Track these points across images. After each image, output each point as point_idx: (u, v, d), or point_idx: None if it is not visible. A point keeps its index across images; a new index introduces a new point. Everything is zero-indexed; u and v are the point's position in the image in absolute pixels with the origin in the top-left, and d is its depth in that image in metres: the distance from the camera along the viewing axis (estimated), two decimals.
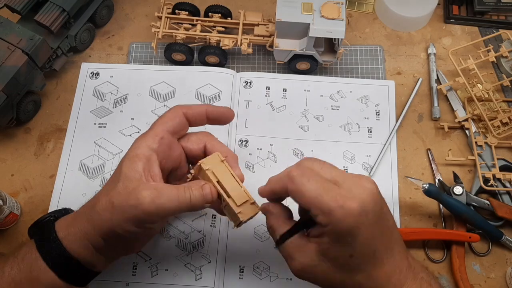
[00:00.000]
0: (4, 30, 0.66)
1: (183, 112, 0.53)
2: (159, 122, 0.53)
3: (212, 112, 0.55)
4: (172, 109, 0.54)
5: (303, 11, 0.67)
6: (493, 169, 0.67)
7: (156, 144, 0.50)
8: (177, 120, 0.53)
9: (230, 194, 0.50)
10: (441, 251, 0.64)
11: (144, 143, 0.50)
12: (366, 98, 0.72)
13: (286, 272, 0.62)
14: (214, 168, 0.51)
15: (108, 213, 0.47)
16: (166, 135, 0.52)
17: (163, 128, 0.52)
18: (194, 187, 0.49)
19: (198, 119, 0.55)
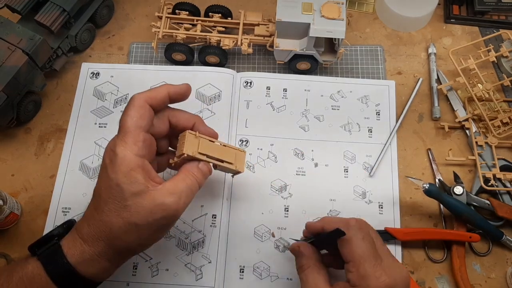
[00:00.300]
0: (5, 30, 0.67)
1: (148, 103, 0.51)
2: (130, 122, 0.49)
3: (174, 93, 0.54)
4: (136, 102, 0.50)
5: (303, 11, 0.67)
6: (493, 169, 0.67)
7: (142, 150, 0.49)
8: (147, 115, 0.51)
9: (222, 159, 0.55)
10: (442, 251, 0.64)
11: (130, 153, 0.48)
12: (367, 98, 0.72)
13: (286, 272, 0.62)
14: (197, 149, 0.53)
15: (134, 234, 0.48)
16: (146, 136, 0.50)
17: (140, 129, 0.49)
18: (193, 171, 0.52)
19: (163, 104, 0.53)
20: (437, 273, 0.63)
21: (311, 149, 0.69)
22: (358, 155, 0.69)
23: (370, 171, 0.67)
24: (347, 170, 0.68)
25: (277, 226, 0.65)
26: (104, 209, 0.48)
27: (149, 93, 0.52)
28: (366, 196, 0.66)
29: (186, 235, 0.64)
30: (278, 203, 0.66)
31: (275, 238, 0.64)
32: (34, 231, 0.65)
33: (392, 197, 0.66)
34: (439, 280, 0.63)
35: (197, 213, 0.65)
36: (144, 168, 0.48)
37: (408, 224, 0.65)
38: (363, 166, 0.68)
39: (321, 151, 0.69)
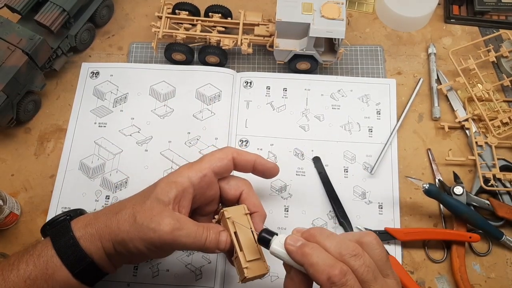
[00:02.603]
0: (4, 30, 0.67)
1: (233, 156, 0.54)
2: (208, 158, 0.53)
3: (260, 164, 0.56)
4: (224, 149, 0.55)
5: (303, 11, 0.67)
6: (493, 169, 0.67)
7: (197, 179, 0.51)
8: (225, 162, 0.53)
9: (243, 248, 0.50)
10: (441, 251, 0.64)
11: (186, 173, 0.51)
12: (367, 97, 0.72)
13: None
14: (236, 219, 0.52)
15: (127, 225, 0.49)
16: (210, 174, 0.52)
17: (210, 166, 0.52)
18: (212, 230, 0.50)
19: (245, 167, 0.56)
20: (437, 273, 0.63)
21: (311, 149, 0.69)
22: (358, 155, 0.69)
23: (370, 171, 0.67)
24: (347, 170, 0.68)
25: (277, 226, 0.65)
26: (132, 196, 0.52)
27: (238, 150, 0.56)
28: (366, 196, 0.66)
29: None
30: (278, 203, 0.66)
31: None
32: (34, 231, 0.65)
33: (392, 197, 0.66)
34: (439, 280, 0.63)
35: None
36: (184, 191, 0.50)
37: (408, 224, 0.65)
38: (363, 166, 0.68)
39: (321, 151, 0.69)
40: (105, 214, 0.51)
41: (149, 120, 0.71)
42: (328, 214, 0.65)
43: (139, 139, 0.70)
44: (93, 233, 0.50)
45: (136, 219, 0.48)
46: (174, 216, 0.49)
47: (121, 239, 0.49)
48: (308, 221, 0.65)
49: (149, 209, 0.49)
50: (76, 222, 0.51)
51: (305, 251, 0.44)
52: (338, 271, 0.41)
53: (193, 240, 0.49)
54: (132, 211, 0.49)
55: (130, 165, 0.68)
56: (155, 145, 0.69)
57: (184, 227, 0.49)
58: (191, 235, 0.49)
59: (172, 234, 0.48)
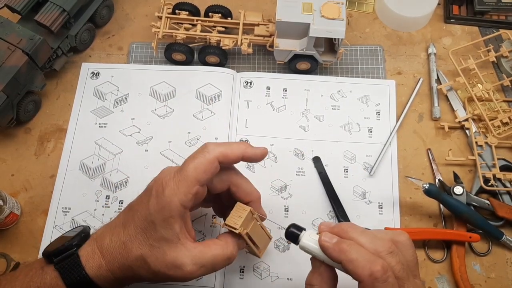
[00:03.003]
0: (4, 30, 0.67)
1: (219, 161, 0.49)
2: (193, 171, 0.48)
3: (248, 158, 0.52)
4: (207, 154, 0.49)
5: (303, 11, 0.67)
6: (493, 169, 0.67)
7: (189, 202, 0.48)
8: (211, 171, 0.49)
9: (258, 244, 0.54)
10: (441, 251, 0.64)
11: (177, 201, 0.47)
12: (367, 98, 0.72)
13: (286, 272, 0.62)
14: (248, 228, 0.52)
15: (144, 271, 0.48)
16: (200, 190, 0.49)
17: (197, 182, 0.48)
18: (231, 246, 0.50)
19: (232, 163, 0.52)
20: (437, 273, 0.63)
21: (311, 149, 0.69)
22: (358, 155, 0.69)
23: (370, 171, 0.67)
24: (347, 170, 0.68)
25: (277, 226, 0.64)
26: (131, 233, 0.48)
27: (223, 150, 0.50)
28: (366, 196, 0.66)
29: None
30: (278, 203, 0.66)
31: (275, 239, 0.64)
32: (34, 231, 0.65)
33: (392, 197, 0.66)
34: (439, 280, 0.63)
35: (197, 213, 0.65)
36: (183, 219, 0.48)
37: (408, 224, 0.65)
38: (363, 166, 0.68)
39: (321, 151, 0.69)
40: (114, 257, 0.48)
41: (150, 121, 0.71)
42: (328, 214, 0.65)
43: (140, 139, 0.70)
44: (109, 276, 0.49)
45: (150, 266, 0.47)
46: (189, 258, 0.47)
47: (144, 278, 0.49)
48: (308, 221, 0.65)
49: (160, 255, 0.47)
50: (86, 259, 0.49)
51: (342, 248, 0.43)
52: (380, 267, 0.41)
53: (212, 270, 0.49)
54: (142, 256, 0.47)
55: (131, 165, 0.68)
56: (155, 145, 0.70)
57: (203, 265, 0.48)
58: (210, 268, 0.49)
59: (193, 275, 0.48)
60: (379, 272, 0.41)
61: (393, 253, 0.43)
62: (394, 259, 0.43)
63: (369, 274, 0.41)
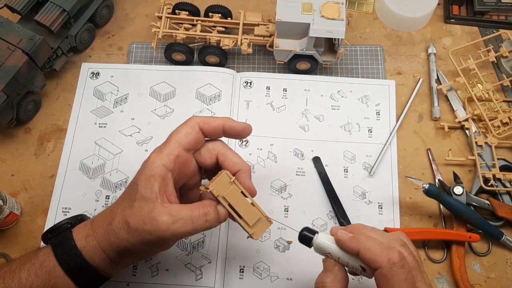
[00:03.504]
0: (4, 30, 0.67)
1: (199, 127, 0.52)
2: (175, 137, 0.51)
3: (230, 127, 0.53)
4: (188, 122, 0.52)
5: (303, 11, 0.67)
6: (493, 169, 0.67)
7: (171, 163, 0.50)
8: (193, 135, 0.51)
9: (242, 216, 0.52)
10: (441, 251, 0.64)
11: (159, 161, 0.49)
12: (367, 98, 0.72)
13: (286, 272, 0.62)
14: (224, 192, 0.51)
15: (124, 233, 0.48)
16: (182, 153, 0.51)
17: (179, 145, 0.51)
18: (210, 208, 0.50)
19: (215, 133, 0.53)
20: (437, 273, 0.63)
21: (311, 149, 0.69)
22: (358, 155, 0.69)
23: (370, 171, 0.67)
24: (347, 170, 0.68)
25: (277, 226, 0.65)
26: (119, 201, 0.51)
27: (204, 118, 0.52)
28: (366, 196, 0.66)
29: None
30: (278, 203, 0.66)
31: (275, 239, 0.64)
32: (34, 231, 0.65)
33: (392, 197, 0.66)
34: (439, 280, 0.63)
35: None
36: (164, 180, 0.49)
37: (408, 224, 0.65)
38: (363, 166, 0.68)
39: (321, 151, 0.69)
40: (100, 225, 0.50)
41: (149, 121, 0.71)
42: (328, 214, 0.65)
43: (139, 140, 0.70)
44: (94, 244, 0.49)
45: (130, 225, 0.48)
46: (165, 211, 0.48)
47: (123, 247, 0.49)
48: (308, 221, 0.65)
49: (138, 212, 0.48)
50: (77, 232, 0.50)
51: (359, 239, 0.46)
52: (397, 253, 0.44)
53: (191, 226, 0.48)
54: (123, 217, 0.48)
55: (130, 165, 0.68)
56: (155, 145, 0.68)
57: (179, 218, 0.48)
58: (188, 222, 0.48)
59: (170, 229, 0.47)
60: (396, 258, 0.44)
61: (404, 245, 0.46)
62: (406, 251, 0.46)
63: (387, 260, 0.44)
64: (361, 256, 0.45)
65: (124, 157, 0.69)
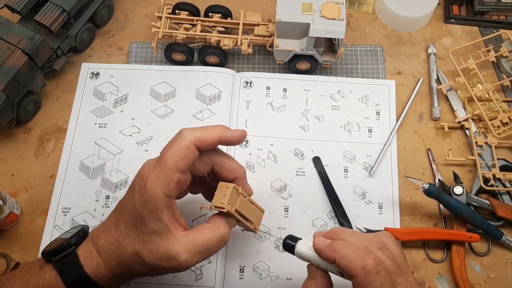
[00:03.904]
0: (4, 30, 0.67)
1: (195, 146, 0.49)
2: (171, 160, 0.47)
3: (226, 140, 0.51)
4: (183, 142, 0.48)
5: (303, 11, 0.67)
6: (493, 169, 0.67)
7: (173, 191, 0.48)
8: (190, 158, 0.48)
9: (249, 219, 0.54)
10: (441, 251, 0.64)
11: (160, 192, 0.47)
12: (367, 98, 0.72)
13: (286, 272, 0.62)
14: (236, 205, 0.51)
15: (141, 267, 0.48)
16: (182, 178, 0.48)
17: (177, 170, 0.47)
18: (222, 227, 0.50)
19: (210, 147, 0.51)
20: (437, 273, 0.63)
21: (311, 149, 0.69)
22: (358, 155, 0.69)
23: (370, 171, 0.67)
24: (347, 170, 0.68)
25: (277, 226, 0.65)
26: (123, 231, 0.48)
27: (199, 135, 0.49)
28: (366, 196, 0.66)
29: None
30: (278, 203, 0.66)
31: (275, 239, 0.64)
32: (34, 231, 0.65)
33: (392, 197, 0.66)
34: (439, 280, 0.63)
35: (197, 213, 0.65)
36: (170, 209, 0.48)
37: (408, 224, 0.65)
38: (363, 166, 0.68)
39: (321, 151, 0.69)
40: (111, 256, 0.49)
41: (149, 121, 0.71)
42: (328, 214, 0.65)
43: (139, 140, 0.70)
44: (108, 274, 0.49)
45: (145, 261, 0.47)
46: (181, 246, 0.47)
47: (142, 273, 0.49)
48: (308, 221, 0.65)
49: (153, 248, 0.47)
50: (85, 258, 0.49)
51: (335, 246, 0.46)
52: (372, 260, 0.43)
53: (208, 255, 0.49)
54: (136, 253, 0.47)
55: (130, 165, 0.68)
56: (155, 145, 0.70)
57: (197, 251, 0.48)
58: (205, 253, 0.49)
59: (190, 264, 0.48)
60: (371, 264, 0.43)
61: (383, 249, 0.45)
62: (384, 254, 0.45)
63: (362, 267, 0.43)
64: (337, 264, 0.45)
65: (124, 157, 0.69)
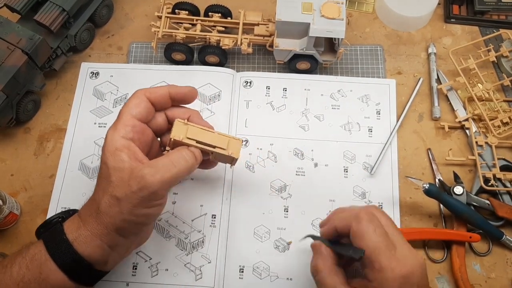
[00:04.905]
0: (4, 29, 0.66)
1: (146, 96, 0.54)
2: (126, 110, 0.52)
3: (176, 93, 0.56)
4: (135, 94, 0.54)
5: (303, 10, 0.67)
6: (493, 169, 0.67)
7: (130, 133, 0.51)
8: (142, 105, 0.53)
9: (214, 145, 0.55)
10: (442, 251, 0.64)
11: (118, 136, 0.51)
12: (367, 97, 0.72)
13: (286, 272, 0.62)
14: (185, 134, 0.53)
15: (116, 208, 0.48)
16: (136, 123, 0.52)
17: (131, 116, 0.52)
18: (183, 151, 0.52)
19: (163, 102, 0.55)
20: (437, 273, 0.63)
21: (311, 149, 0.69)
22: (358, 155, 0.69)
23: (370, 171, 0.67)
24: (347, 170, 0.68)
25: (277, 226, 0.65)
26: (96, 188, 0.51)
27: (149, 88, 0.55)
28: (366, 196, 0.66)
29: (186, 235, 0.64)
30: (277, 203, 0.66)
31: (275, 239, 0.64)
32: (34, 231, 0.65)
33: (392, 197, 0.66)
34: (439, 280, 0.63)
35: (196, 213, 0.65)
36: (129, 149, 0.50)
37: (408, 224, 0.65)
38: (363, 166, 0.68)
39: (321, 151, 0.69)
40: (89, 214, 0.50)
41: None
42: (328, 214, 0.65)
43: None
44: (87, 235, 0.49)
45: (118, 196, 0.48)
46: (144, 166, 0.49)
47: (120, 222, 0.49)
48: (308, 221, 0.65)
49: (119, 182, 0.48)
50: (68, 225, 0.51)
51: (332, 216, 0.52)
52: (364, 212, 0.48)
53: (175, 169, 0.50)
54: (109, 195, 0.49)
55: None
56: None
57: (160, 166, 0.49)
58: (171, 167, 0.50)
59: (156, 179, 0.48)
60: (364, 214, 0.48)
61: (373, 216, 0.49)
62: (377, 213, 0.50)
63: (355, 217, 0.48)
64: (338, 228, 0.50)
65: None
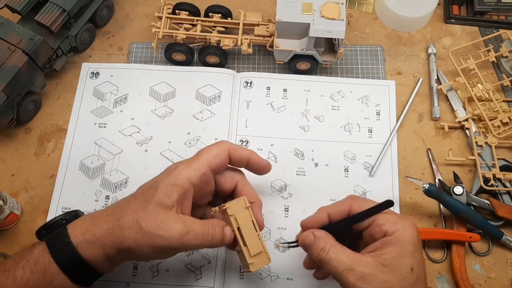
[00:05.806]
0: (5, 30, 0.67)
1: (229, 152, 0.54)
2: (205, 155, 0.53)
3: (254, 162, 0.56)
4: (220, 144, 0.54)
5: (303, 11, 0.67)
6: (493, 169, 0.67)
7: (197, 180, 0.51)
8: (222, 158, 0.53)
9: (247, 243, 0.52)
10: (441, 251, 0.64)
11: (186, 174, 0.51)
12: (367, 98, 0.72)
13: (286, 272, 0.62)
14: (238, 214, 0.52)
15: (133, 233, 0.48)
16: (208, 172, 0.52)
17: (208, 164, 0.52)
18: (217, 227, 0.52)
19: (239, 162, 0.56)
20: (437, 273, 0.63)
21: (311, 149, 0.69)
22: (358, 155, 0.69)
23: (370, 171, 0.67)
24: (347, 170, 0.68)
25: (277, 226, 0.65)
26: (130, 198, 0.51)
27: (234, 145, 0.55)
28: (366, 196, 0.66)
29: None
30: (278, 203, 0.66)
31: (276, 239, 0.64)
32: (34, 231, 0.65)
33: (392, 197, 0.66)
34: (439, 280, 0.63)
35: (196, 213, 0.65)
36: (185, 192, 0.50)
37: None
38: (363, 166, 0.68)
39: (321, 151, 0.69)
40: (104, 220, 0.50)
41: (149, 121, 0.71)
42: None
43: (139, 140, 0.70)
44: (93, 240, 0.49)
45: (142, 226, 0.48)
46: (180, 221, 0.49)
47: (127, 247, 0.49)
48: None
49: (153, 215, 0.48)
50: (73, 228, 0.50)
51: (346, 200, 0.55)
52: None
53: (201, 241, 0.50)
54: (136, 218, 0.48)
55: (130, 165, 0.68)
56: (155, 146, 0.70)
57: (191, 230, 0.49)
58: (199, 236, 0.49)
59: (181, 240, 0.48)
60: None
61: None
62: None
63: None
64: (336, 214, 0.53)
65: (124, 157, 0.69)
